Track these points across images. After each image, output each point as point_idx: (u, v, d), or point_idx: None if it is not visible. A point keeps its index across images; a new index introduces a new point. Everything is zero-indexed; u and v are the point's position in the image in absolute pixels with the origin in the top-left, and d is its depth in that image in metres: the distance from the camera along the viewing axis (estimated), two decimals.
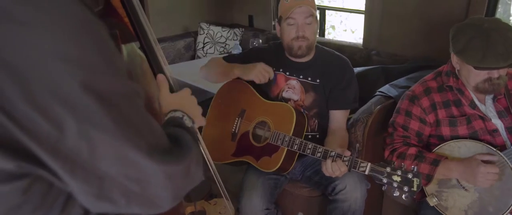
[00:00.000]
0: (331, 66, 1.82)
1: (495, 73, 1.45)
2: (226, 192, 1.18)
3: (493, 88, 1.49)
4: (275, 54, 1.86)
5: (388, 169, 1.34)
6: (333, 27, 5.29)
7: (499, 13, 3.29)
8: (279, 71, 1.83)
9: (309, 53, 1.77)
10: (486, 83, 1.48)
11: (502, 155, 1.46)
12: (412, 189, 1.31)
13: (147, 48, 0.85)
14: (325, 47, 1.90)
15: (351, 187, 1.62)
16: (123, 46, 0.82)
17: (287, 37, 1.72)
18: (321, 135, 1.84)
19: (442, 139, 1.62)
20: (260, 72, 1.69)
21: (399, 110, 1.70)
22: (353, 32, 5.03)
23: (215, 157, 1.83)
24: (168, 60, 3.31)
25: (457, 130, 1.60)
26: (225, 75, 1.84)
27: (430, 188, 1.62)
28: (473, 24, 1.47)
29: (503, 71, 1.46)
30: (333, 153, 1.47)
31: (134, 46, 0.88)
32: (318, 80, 1.80)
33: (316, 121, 1.85)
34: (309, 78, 1.81)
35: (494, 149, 1.48)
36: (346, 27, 5.25)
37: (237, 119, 1.84)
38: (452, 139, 1.60)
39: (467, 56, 1.45)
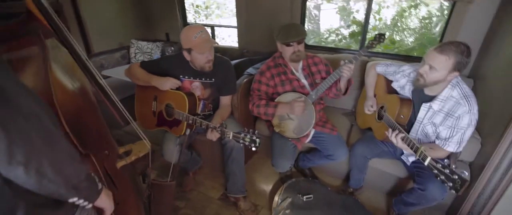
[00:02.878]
0: (220, 68, 1.70)
1: (296, 47, 1.62)
2: (142, 133, 1.17)
3: (298, 57, 1.65)
4: (181, 63, 1.66)
5: (242, 134, 1.34)
6: (223, 38, 5.39)
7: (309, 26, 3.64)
8: (185, 78, 1.69)
9: None
10: (293, 55, 1.64)
11: (307, 98, 1.65)
12: (252, 144, 1.33)
13: (65, 41, 0.77)
14: (216, 54, 1.70)
15: (233, 130, 1.57)
16: (47, 41, 0.75)
17: (200, 62, 1.57)
18: (214, 111, 1.79)
19: (279, 94, 1.73)
20: (171, 85, 1.58)
21: (255, 80, 1.79)
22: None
23: (146, 126, 1.80)
24: (109, 67, 3.08)
25: (286, 88, 1.73)
26: (144, 83, 1.66)
27: (275, 122, 1.75)
28: (282, 25, 1.65)
29: (300, 47, 1.62)
30: (211, 125, 1.46)
31: (57, 42, 0.80)
32: (213, 80, 1.71)
33: (211, 105, 1.79)
34: (207, 79, 1.71)
35: (303, 95, 1.66)
36: (233, 38, 5.36)
37: (153, 102, 1.74)
38: (283, 93, 1.73)
39: (281, 38, 1.61)
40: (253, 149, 1.33)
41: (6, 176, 0.50)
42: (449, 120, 1.31)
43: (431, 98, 1.37)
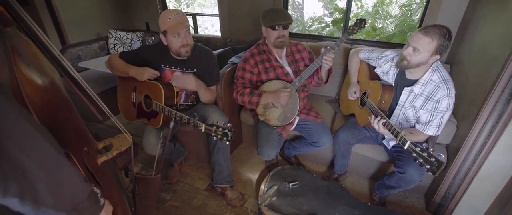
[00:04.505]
0: (202, 58, 1.67)
1: (281, 32, 1.61)
2: (123, 127, 1.12)
3: (282, 43, 1.64)
4: (162, 52, 1.63)
5: (214, 128, 1.31)
6: (206, 28, 5.27)
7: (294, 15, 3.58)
8: (166, 67, 1.64)
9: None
10: (278, 40, 1.63)
11: (291, 85, 1.64)
12: (225, 137, 1.29)
13: (26, 29, 0.70)
14: (197, 44, 1.70)
15: (218, 120, 1.62)
16: (6, 30, 0.67)
17: (175, 45, 1.53)
18: (197, 102, 1.79)
19: (262, 82, 1.73)
20: (149, 75, 1.53)
21: (239, 68, 1.76)
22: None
23: (127, 117, 1.76)
24: (86, 58, 2.94)
25: (269, 75, 1.72)
26: (123, 74, 1.61)
27: (259, 110, 1.74)
28: (268, 9, 1.64)
29: (285, 32, 1.62)
30: (185, 117, 1.41)
31: (18, 31, 0.71)
32: (195, 70, 1.67)
33: (194, 96, 1.77)
34: (189, 70, 1.67)
35: (288, 83, 1.66)
36: (216, 28, 5.26)
37: (133, 93, 1.69)
38: (267, 81, 1.71)
39: (268, 21, 1.60)
40: (227, 142, 1.31)
41: (1, 203, 0.46)
42: (429, 103, 1.36)
43: (412, 83, 1.41)
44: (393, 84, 1.51)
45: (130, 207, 1.28)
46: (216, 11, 2.90)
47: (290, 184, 1.73)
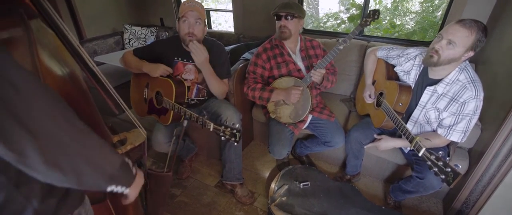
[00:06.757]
0: (213, 51, 1.63)
1: (283, 22, 1.59)
2: (138, 122, 1.13)
3: (282, 34, 1.61)
4: (175, 45, 1.64)
5: (223, 128, 1.29)
6: (220, 24, 5.27)
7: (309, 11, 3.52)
8: (179, 59, 1.65)
9: None
10: (279, 30, 1.62)
11: (302, 81, 1.60)
12: (233, 138, 1.28)
13: (50, 22, 0.70)
14: (209, 38, 1.68)
15: (231, 116, 1.62)
16: (31, 22, 0.66)
17: (182, 32, 1.53)
18: (208, 97, 1.78)
19: (274, 78, 1.71)
20: (162, 71, 1.54)
21: (251, 63, 1.74)
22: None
23: (138, 112, 1.78)
24: (102, 53, 3.01)
25: (281, 70, 1.69)
26: (137, 70, 1.62)
27: (270, 108, 1.72)
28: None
29: (288, 24, 1.59)
30: (195, 115, 1.40)
31: (42, 24, 0.72)
32: None
33: (205, 90, 1.74)
34: None
35: (300, 81, 1.62)
36: (230, 24, 5.26)
37: (145, 89, 1.70)
38: (279, 77, 1.69)
39: (274, 9, 1.59)
40: (235, 144, 1.30)
41: (44, 181, 0.49)
42: (453, 105, 1.26)
43: (436, 82, 1.32)
44: (412, 86, 1.42)
45: (141, 201, 1.30)
46: (230, 6, 2.88)
47: (301, 184, 1.70)
